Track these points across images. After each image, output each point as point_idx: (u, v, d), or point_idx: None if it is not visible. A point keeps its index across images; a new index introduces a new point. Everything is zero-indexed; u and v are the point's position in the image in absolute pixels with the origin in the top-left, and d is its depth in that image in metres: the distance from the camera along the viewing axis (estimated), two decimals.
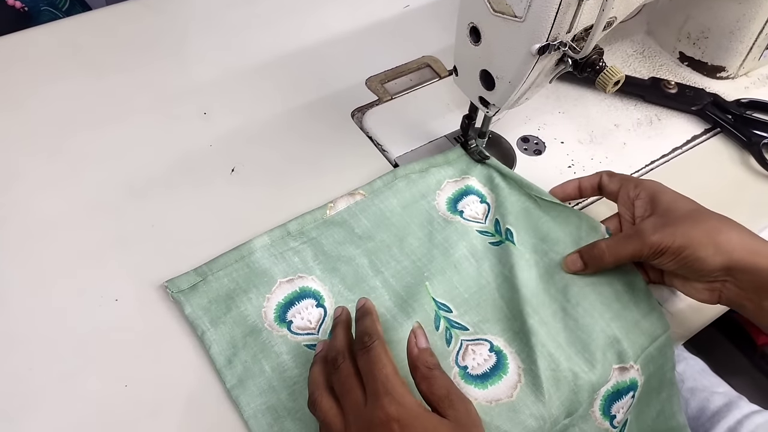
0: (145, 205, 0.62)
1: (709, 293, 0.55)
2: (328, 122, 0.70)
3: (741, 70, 0.81)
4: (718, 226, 0.53)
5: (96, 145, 0.67)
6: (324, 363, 0.49)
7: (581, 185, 0.62)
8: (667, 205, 0.55)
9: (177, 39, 0.78)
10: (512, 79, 0.55)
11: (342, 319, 0.52)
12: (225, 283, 0.57)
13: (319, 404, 0.46)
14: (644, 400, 0.57)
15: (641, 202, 0.57)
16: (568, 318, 0.56)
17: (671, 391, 0.58)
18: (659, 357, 0.57)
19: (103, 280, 0.57)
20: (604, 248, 0.56)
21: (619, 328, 0.55)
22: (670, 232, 0.53)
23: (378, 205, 0.63)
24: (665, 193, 0.57)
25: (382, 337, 0.47)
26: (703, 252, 0.52)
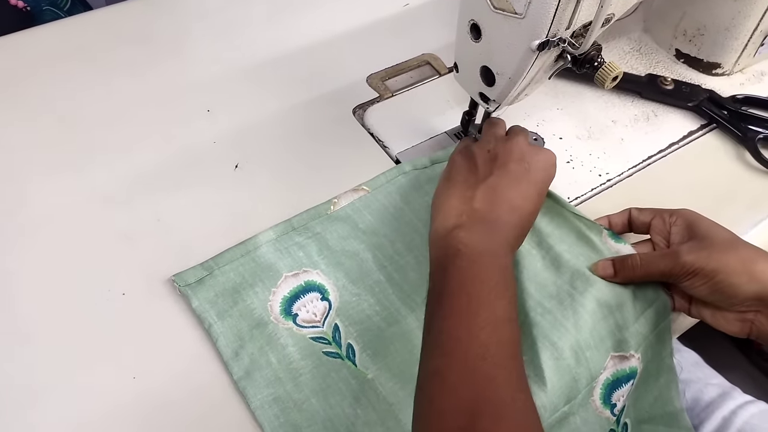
0: (151, 201, 0.63)
1: (741, 324, 0.54)
2: (330, 119, 0.71)
3: (736, 66, 0.82)
4: (754, 257, 0.52)
5: (101, 142, 0.67)
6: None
7: (611, 222, 0.62)
8: (705, 232, 0.55)
9: (178, 37, 0.79)
10: (512, 75, 0.56)
11: None
12: (231, 277, 0.57)
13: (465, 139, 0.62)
14: (642, 386, 0.58)
15: (678, 228, 0.57)
16: (576, 303, 0.56)
17: (669, 377, 0.58)
18: (657, 343, 0.58)
19: (110, 275, 0.58)
20: (638, 261, 0.56)
21: (624, 316, 0.56)
22: (705, 255, 0.52)
23: (381, 201, 0.64)
24: (703, 220, 0.56)
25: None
26: (737, 279, 0.51)
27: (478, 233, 0.51)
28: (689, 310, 0.58)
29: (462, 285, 0.48)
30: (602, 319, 0.56)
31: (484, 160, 0.56)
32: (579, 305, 0.56)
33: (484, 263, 0.49)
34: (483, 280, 0.48)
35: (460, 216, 0.53)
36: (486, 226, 0.52)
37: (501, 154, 0.56)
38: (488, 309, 0.46)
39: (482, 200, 0.53)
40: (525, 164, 0.55)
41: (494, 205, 0.53)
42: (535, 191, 0.55)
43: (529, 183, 0.54)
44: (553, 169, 0.57)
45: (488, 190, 0.54)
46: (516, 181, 0.54)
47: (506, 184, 0.54)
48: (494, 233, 0.52)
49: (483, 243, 0.51)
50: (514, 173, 0.54)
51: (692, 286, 0.54)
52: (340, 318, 0.57)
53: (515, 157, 0.55)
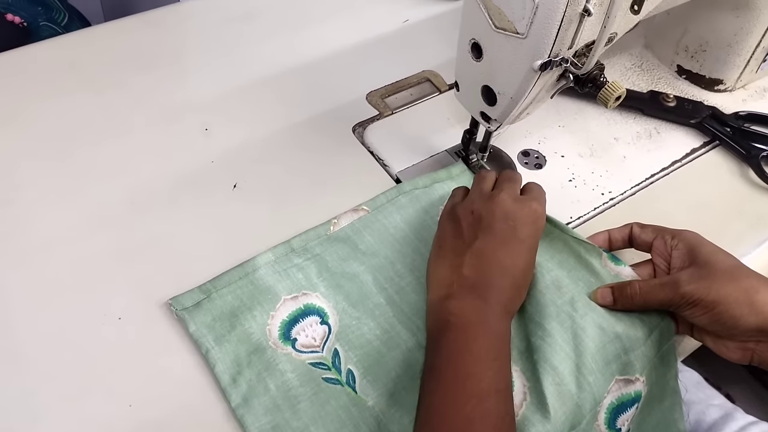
0: (147, 222, 0.62)
1: (742, 352, 0.53)
2: (329, 137, 0.70)
3: (738, 82, 0.81)
4: (756, 286, 0.51)
5: (97, 160, 0.66)
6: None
7: (611, 237, 0.61)
8: (707, 258, 0.54)
9: (176, 54, 0.78)
10: (514, 94, 0.56)
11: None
12: (229, 300, 0.56)
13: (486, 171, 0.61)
14: (645, 409, 0.56)
15: (679, 252, 0.56)
16: (576, 326, 0.55)
17: (674, 400, 0.57)
18: (662, 365, 0.57)
19: (106, 298, 0.57)
20: (636, 290, 0.55)
21: (629, 339, 0.55)
22: (705, 285, 0.51)
23: (381, 221, 0.63)
24: (705, 245, 0.55)
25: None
26: (738, 311, 0.50)
27: (468, 301, 0.51)
28: (692, 334, 0.57)
29: (450, 358, 0.48)
30: (608, 343, 0.54)
31: (468, 223, 0.56)
32: (579, 329, 0.55)
33: (473, 333, 0.49)
34: (471, 350, 0.48)
35: (450, 286, 0.53)
36: (476, 292, 0.52)
37: (485, 215, 0.55)
38: (474, 381, 0.46)
39: (470, 266, 0.53)
40: (510, 222, 0.54)
41: (483, 269, 0.53)
42: (524, 248, 0.54)
43: (517, 241, 0.54)
44: (541, 221, 0.56)
45: (475, 254, 0.53)
46: (503, 241, 0.54)
47: (493, 247, 0.53)
48: (485, 299, 0.51)
49: (474, 312, 0.50)
50: (499, 234, 0.54)
51: (692, 315, 0.53)
52: (340, 342, 0.56)
53: (499, 216, 0.55)
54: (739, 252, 0.65)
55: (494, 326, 0.50)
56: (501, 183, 0.59)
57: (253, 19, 0.84)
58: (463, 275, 0.53)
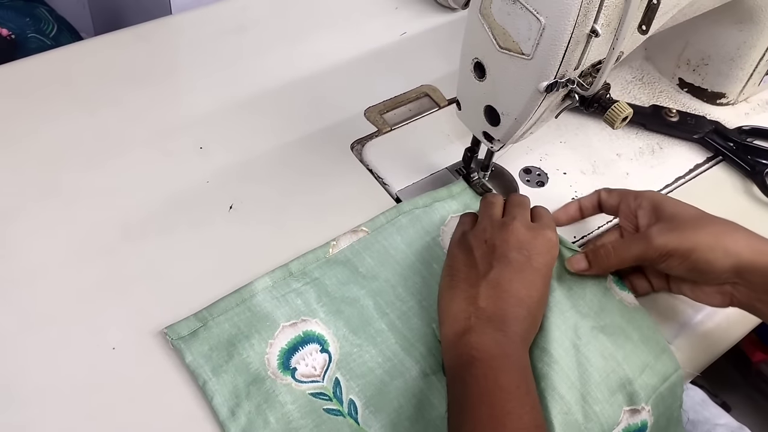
0: (141, 246, 0.60)
1: (721, 297, 0.54)
2: (327, 155, 0.69)
3: (741, 96, 0.80)
4: (725, 229, 0.53)
5: (89, 182, 0.64)
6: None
7: (582, 205, 0.63)
8: (672, 211, 0.55)
9: (169, 69, 0.76)
10: (518, 116, 0.54)
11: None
12: (226, 328, 0.55)
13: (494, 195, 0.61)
14: None
15: (644, 211, 0.57)
16: (580, 355, 0.54)
17: (677, 429, 0.57)
18: (669, 397, 0.56)
19: (99, 327, 0.55)
20: (610, 249, 0.56)
21: (632, 368, 0.54)
22: (676, 235, 0.53)
23: (382, 243, 0.61)
24: (667, 200, 0.57)
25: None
26: (711, 255, 0.52)
27: (488, 335, 0.50)
28: (669, 288, 0.58)
29: (482, 396, 0.47)
30: (611, 372, 0.54)
31: (482, 253, 0.54)
32: (584, 357, 0.54)
33: (501, 368, 0.48)
34: (503, 387, 0.47)
35: (467, 319, 0.51)
36: (495, 324, 0.51)
37: (499, 244, 0.54)
38: (513, 419, 0.46)
39: (486, 297, 0.52)
40: (525, 252, 0.53)
41: (499, 300, 0.51)
42: (540, 278, 0.53)
43: (532, 271, 0.53)
44: (555, 249, 0.56)
45: (491, 285, 0.52)
46: (518, 271, 0.53)
47: (509, 277, 0.52)
48: (505, 331, 0.50)
49: (495, 345, 0.49)
50: (515, 264, 0.53)
51: (669, 266, 0.54)
52: (341, 371, 0.54)
53: (513, 246, 0.54)
54: None
55: (518, 359, 0.49)
56: (511, 209, 0.58)
57: (248, 32, 0.82)
58: (480, 307, 0.51)
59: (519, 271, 0.53)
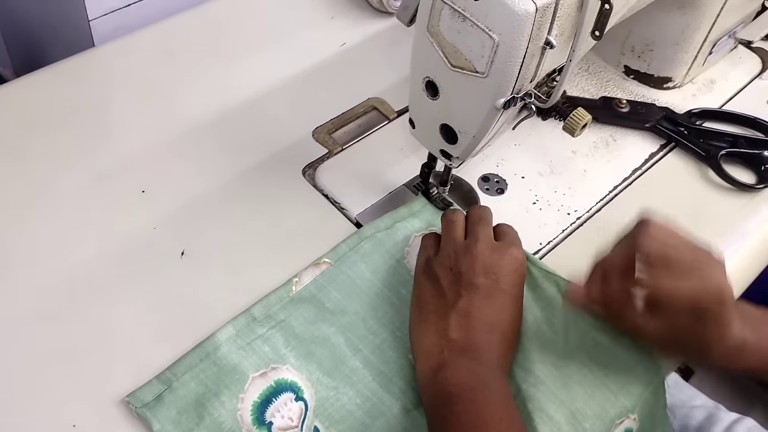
0: (90, 308, 0.56)
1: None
2: (278, 184, 0.65)
3: (687, 78, 0.80)
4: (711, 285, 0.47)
5: (24, 242, 0.59)
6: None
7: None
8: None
9: (98, 107, 0.71)
10: (477, 133, 0.52)
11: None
12: (192, 387, 0.51)
13: (455, 214, 0.58)
14: None
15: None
16: (562, 374, 0.53)
17: (664, 428, 0.56)
18: (654, 400, 0.55)
19: (56, 404, 0.50)
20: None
21: (614, 380, 0.53)
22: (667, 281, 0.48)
23: (346, 273, 0.59)
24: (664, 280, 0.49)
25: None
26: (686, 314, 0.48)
27: (464, 368, 0.48)
28: None
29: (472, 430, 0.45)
30: (596, 389, 0.53)
31: (449, 282, 0.52)
32: (567, 377, 0.53)
33: (481, 402, 0.46)
34: (486, 421, 0.45)
35: (441, 353, 0.50)
36: (469, 355, 0.49)
37: (465, 271, 0.52)
38: None
39: (457, 328, 0.50)
40: (492, 276, 0.52)
41: (471, 330, 0.50)
42: (510, 299, 0.52)
43: (502, 294, 0.51)
44: (523, 267, 0.54)
45: (461, 315, 0.51)
46: (487, 297, 0.51)
47: (478, 305, 0.51)
48: (480, 361, 0.49)
49: (472, 376, 0.48)
50: (483, 290, 0.51)
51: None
52: (320, 419, 0.52)
53: (480, 271, 0.52)
54: None
55: (497, 388, 0.48)
56: (473, 227, 0.55)
57: (178, 58, 0.77)
58: (452, 339, 0.50)
59: (487, 297, 0.51)
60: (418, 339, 0.52)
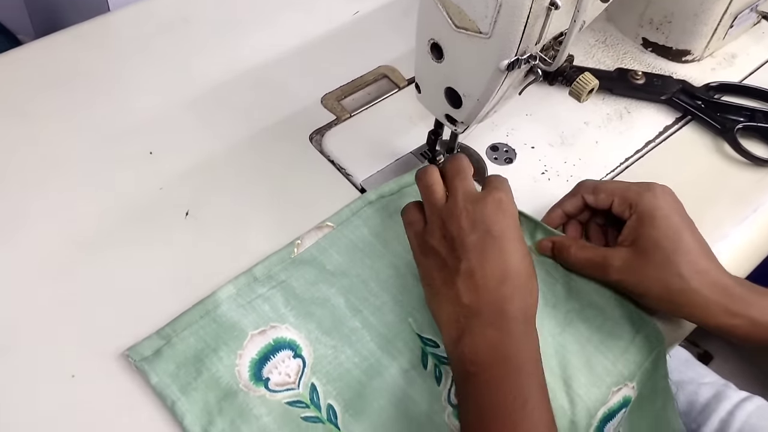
0: (94, 263, 0.57)
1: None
2: (285, 150, 0.65)
3: (706, 51, 0.79)
4: (684, 289, 0.50)
5: (33, 199, 0.60)
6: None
7: (564, 212, 0.59)
8: (647, 244, 0.52)
9: (111, 71, 0.72)
10: (480, 96, 0.52)
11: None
12: (191, 343, 0.52)
13: (429, 174, 0.56)
14: (636, 412, 0.55)
15: (630, 223, 0.54)
16: (556, 343, 0.53)
17: (666, 399, 0.55)
18: (653, 369, 0.55)
19: (55, 355, 0.51)
20: (572, 257, 0.56)
21: (612, 349, 0.53)
22: (633, 279, 0.52)
23: (348, 236, 0.59)
24: (653, 224, 0.52)
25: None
26: (662, 306, 0.53)
27: (481, 338, 0.47)
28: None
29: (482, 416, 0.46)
30: (591, 357, 0.53)
31: (446, 250, 0.51)
32: (559, 345, 0.53)
33: (497, 379, 0.46)
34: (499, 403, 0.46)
35: (458, 321, 0.49)
36: (485, 319, 0.48)
37: (456, 234, 0.51)
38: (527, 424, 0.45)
39: (467, 292, 0.49)
40: (481, 227, 0.50)
41: (480, 290, 0.49)
42: (508, 244, 0.50)
43: (497, 242, 0.50)
44: (508, 205, 0.52)
45: (466, 278, 0.49)
46: (482, 252, 0.50)
47: (478, 262, 0.49)
48: (497, 324, 0.48)
49: (489, 350, 0.47)
50: (477, 246, 0.50)
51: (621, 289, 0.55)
52: (317, 376, 0.52)
53: (467, 228, 0.50)
54: (720, 233, 0.64)
55: (516, 358, 0.47)
56: (450, 184, 0.54)
57: (192, 25, 0.77)
58: (465, 305, 0.49)
59: (484, 251, 0.50)
60: (437, 314, 0.52)
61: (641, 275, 0.52)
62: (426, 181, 0.55)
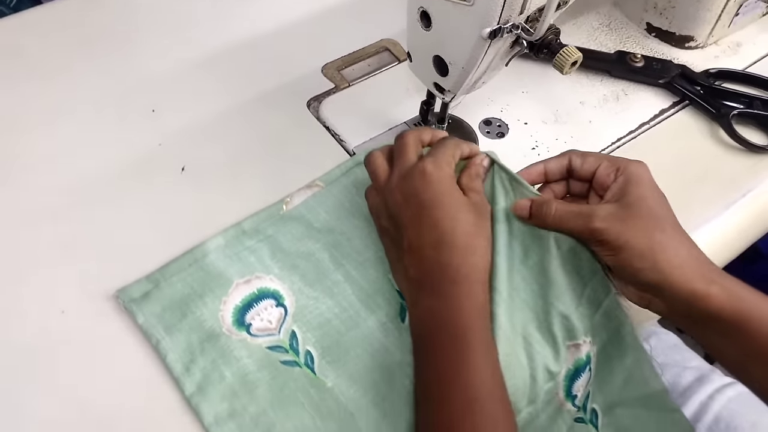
0: (92, 210, 0.60)
1: (639, 299, 0.52)
2: (282, 114, 0.68)
3: (710, 38, 0.79)
4: (665, 244, 0.49)
5: (39, 147, 0.64)
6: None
7: (547, 169, 0.57)
8: (634, 199, 0.51)
9: (121, 33, 0.75)
10: (465, 64, 0.53)
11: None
12: (179, 288, 0.55)
13: (373, 158, 0.56)
14: (605, 369, 0.55)
15: (617, 185, 0.52)
16: (518, 299, 0.53)
17: (637, 356, 0.55)
18: (608, 323, 0.55)
19: (49, 291, 0.55)
20: (552, 211, 0.53)
21: (565, 303, 0.53)
22: (618, 229, 0.49)
23: (337, 196, 0.61)
24: (641, 185, 0.52)
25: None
26: (639, 263, 0.49)
27: (424, 308, 0.50)
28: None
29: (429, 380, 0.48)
30: (546, 313, 0.53)
31: (393, 228, 0.54)
32: (522, 301, 0.53)
33: (435, 348, 0.48)
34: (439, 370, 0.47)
35: (410, 295, 0.52)
36: (427, 291, 0.50)
37: (395, 213, 0.53)
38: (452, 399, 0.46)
39: (411, 267, 0.51)
40: (413, 201, 0.51)
41: (421, 262, 0.51)
42: (439, 211, 0.50)
43: (427, 211, 0.51)
44: (436, 172, 0.51)
45: (410, 253, 0.51)
46: (417, 225, 0.51)
47: (416, 235, 0.51)
48: (436, 289, 0.49)
49: (429, 319, 0.49)
50: (413, 219, 0.51)
51: (598, 252, 0.51)
52: (298, 324, 0.54)
53: (402, 204, 0.52)
54: (708, 214, 0.64)
55: (454, 323, 0.48)
56: (394, 163, 0.55)
57: None
58: (412, 278, 0.51)
59: (418, 223, 0.51)
60: (400, 289, 0.55)
61: (626, 224, 0.49)
62: (370, 166, 0.57)
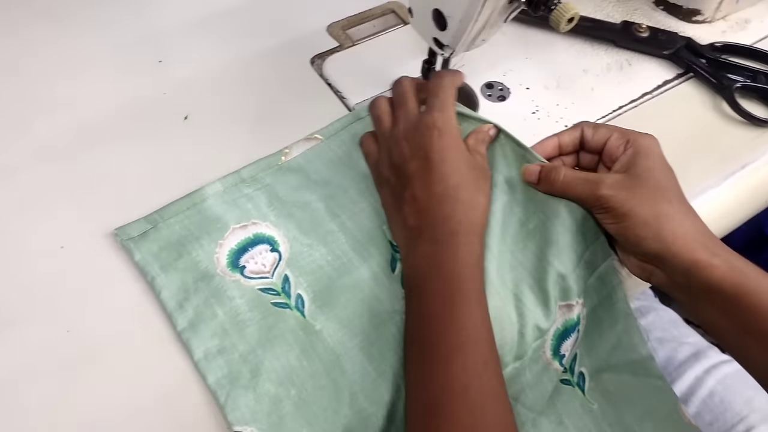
0: (95, 152, 0.61)
1: (640, 270, 0.53)
2: (286, 69, 0.69)
3: (718, 13, 0.79)
4: (671, 215, 0.50)
5: (46, 92, 0.66)
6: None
7: (561, 142, 0.59)
8: (641, 170, 0.52)
9: None
10: (462, 17, 0.54)
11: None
12: (176, 230, 0.56)
13: (379, 102, 0.59)
14: (595, 333, 0.56)
15: (626, 157, 0.54)
16: (515, 261, 0.55)
17: (628, 323, 0.56)
18: (602, 287, 0.56)
19: (49, 227, 0.56)
20: (560, 177, 0.54)
21: (564, 263, 0.54)
22: (624, 196, 0.51)
23: (335, 150, 0.62)
24: (649, 157, 0.53)
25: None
26: (642, 232, 0.50)
27: (420, 253, 0.51)
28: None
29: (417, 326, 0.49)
30: (545, 272, 0.54)
31: (395, 177, 0.55)
32: (517, 261, 0.54)
33: (428, 293, 0.49)
34: (429, 315, 0.48)
35: (406, 244, 0.53)
36: (425, 237, 0.51)
37: (398, 163, 0.54)
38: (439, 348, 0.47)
39: (411, 215, 0.53)
40: (420, 153, 0.53)
41: (422, 212, 0.52)
42: (445, 164, 0.52)
43: (435, 164, 0.52)
44: (444, 126, 0.53)
45: (410, 202, 0.53)
46: (423, 177, 0.52)
47: (419, 184, 0.52)
48: (434, 237, 0.50)
49: (425, 261, 0.50)
50: (418, 172, 0.53)
51: (602, 220, 0.53)
52: (291, 269, 0.55)
53: (408, 156, 0.54)
54: (705, 185, 0.64)
55: (449, 266, 0.49)
56: (395, 112, 0.57)
57: None
58: (411, 227, 0.52)
59: (425, 174, 0.52)
60: (394, 238, 0.56)
61: (632, 193, 0.51)
62: (374, 111, 0.58)
